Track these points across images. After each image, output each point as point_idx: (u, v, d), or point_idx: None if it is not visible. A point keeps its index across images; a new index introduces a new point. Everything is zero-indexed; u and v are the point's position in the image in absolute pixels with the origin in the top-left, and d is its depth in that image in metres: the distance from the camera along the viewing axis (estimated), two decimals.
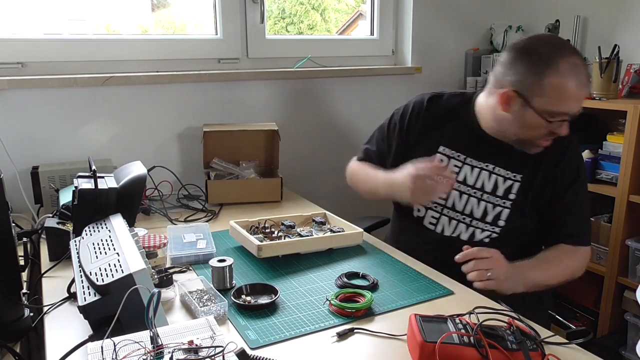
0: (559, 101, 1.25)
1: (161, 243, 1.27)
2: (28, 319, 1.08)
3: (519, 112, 1.30)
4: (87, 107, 1.89)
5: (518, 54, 1.30)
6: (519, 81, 1.28)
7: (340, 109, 2.38)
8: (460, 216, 1.43)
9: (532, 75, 1.26)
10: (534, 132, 1.31)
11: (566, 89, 1.24)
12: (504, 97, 1.30)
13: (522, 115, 1.30)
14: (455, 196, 1.42)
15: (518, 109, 1.30)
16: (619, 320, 2.00)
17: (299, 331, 1.02)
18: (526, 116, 1.29)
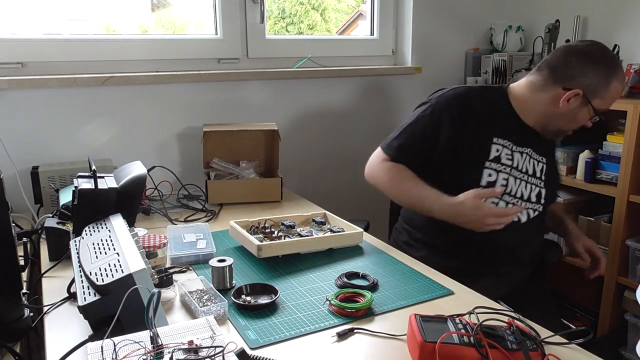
0: (611, 103, 1.47)
1: (161, 243, 1.27)
2: (28, 319, 1.08)
3: (576, 109, 1.46)
4: (87, 107, 1.89)
5: (587, 60, 1.44)
6: (588, 84, 1.42)
7: (340, 109, 2.39)
8: (514, 199, 1.50)
9: (601, 80, 1.42)
10: (576, 125, 1.50)
11: (619, 93, 1.47)
12: (570, 95, 1.43)
13: (577, 112, 1.46)
14: (512, 181, 1.50)
15: (576, 106, 1.45)
16: (619, 320, 2.00)
17: (299, 331, 1.02)
18: (580, 113, 1.46)
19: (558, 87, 1.45)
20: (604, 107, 1.46)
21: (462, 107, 1.51)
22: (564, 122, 1.49)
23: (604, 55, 1.45)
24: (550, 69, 1.48)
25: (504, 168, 1.48)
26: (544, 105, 1.49)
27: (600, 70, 1.42)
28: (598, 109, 1.44)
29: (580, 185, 2.05)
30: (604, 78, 1.42)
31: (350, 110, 2.41)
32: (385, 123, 2.45)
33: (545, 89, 1.48)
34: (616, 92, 1.45)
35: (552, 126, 1.51)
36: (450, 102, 1.53)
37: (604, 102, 1.45)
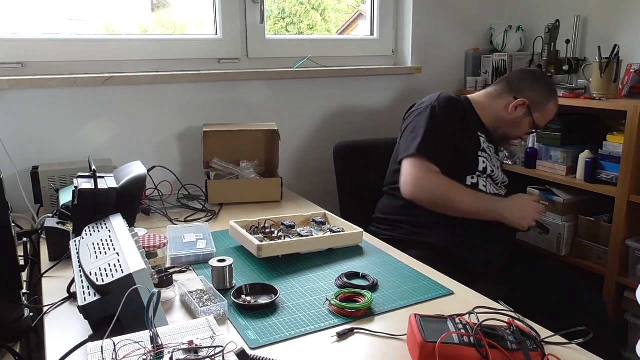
0: (546, 121, 1.83)
1: (161, 243, 1.27)
2: (28, 319, 1.08)
3: (520, 117, 1.78)
4: (87, 107, 1.89)
5: (536, 79, 1.81)
6: (533, 98, 1.77)
7: (341, 109, 2.38)
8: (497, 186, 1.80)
9: (544, 98, 1.78)
10: (517, 133, 1.83)
11: (552, 115, 1.83)
12: (516, 103, 1.77)
13: (520, 120, 1.79)
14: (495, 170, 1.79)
15: (521, 115, 1.78)
16: (619, 320, 2.00)
17: (299, 331, 1.02)
18: (523, 122, 1.79)
19: (510, 96, 1.78)
20: (540, 123, 1.80)
21: (459, 107, 1.75)
22: (509, 128, 1.80)
23: (548, 80, 1.87)
24: (507, 82, 1.82)
25: (489, 157, 1.77)
26: (497, 110, 1.80)
27: (545, 90, 1.78)
28: (536, 122, 1.78)
29: (580, 185, 2.05)
30: (546, 97, 1.78)
31: (350, 110, 2.41)
32: (385, 123, 2.45)
33: (500, 97, 1.80)
34: (551, 113, 1.80)
35: (500, 131, 1.82)
36: (451, 103, 1.73)
37: (542, 117, 1.79)
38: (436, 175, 1.63)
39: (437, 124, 1.67)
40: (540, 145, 2.22)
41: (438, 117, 1.68)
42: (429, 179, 1.62)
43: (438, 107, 1.69)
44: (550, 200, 2.18)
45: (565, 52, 2.27)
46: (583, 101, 2.02)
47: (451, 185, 1.62)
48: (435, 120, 1.67)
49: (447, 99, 1.73)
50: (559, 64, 2.25)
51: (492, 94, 1.83)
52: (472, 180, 1.71)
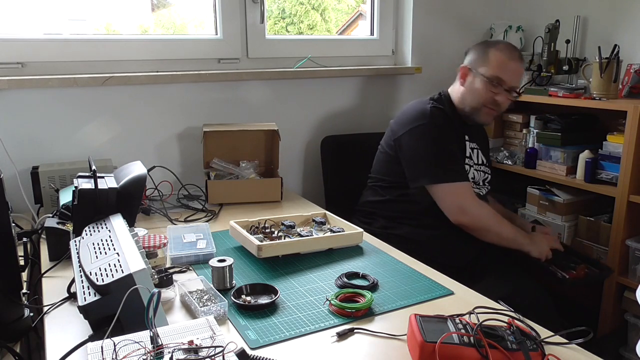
0: (499, 68, 1.72)
1: (161, 243, 1.27)
2: (28, 319, 1.08)
3: (472, 82, 1.76)
4: (87, 107, 1.89)
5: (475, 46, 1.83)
6: (470, 60, 1.79)
7: (341, 109, 2.38)
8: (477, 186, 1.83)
9: (479, 53, 1.77)
10: (482, 98, 1.75)
11: (503, 58, 1.73)
12: (461, 73, 1.79)
13: (472, 84, 1.76)
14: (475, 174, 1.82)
15: (471, 80, 1.77)
16: (619, 320, 2.00)
17: (299, 331, 1.02)
18: (475, 83, 1.75)
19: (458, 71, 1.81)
20: (494, 73, 1.72)
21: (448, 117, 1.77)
22: (470, 98, 1.77)
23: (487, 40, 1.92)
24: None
25: (472, 163, 1.80)
26: (458, 92, 1.81)
27: (480, 46, 1.80)
28: (488, 75, 1.72)
29: (580, 185, 2.05)
30: (482, 50, 1.77)
31: (350, 110, 2.41)
32: (385, 123, 2.45)
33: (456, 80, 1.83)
34: (499, 60, 1.72)
35: (467, 107, 1.78)
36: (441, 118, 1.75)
37: (490, 68, 1.73)
38: (482, 203, 1.73)
39: (443, 140, 1.72)
40: (540, 145, 2.22)
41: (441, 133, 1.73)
42: (478, 207, 1.71)
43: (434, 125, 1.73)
44: (550, 200, 2.18)
45: (565, 52, 2.27)
46: (583, 101, 2.02)
47: (496, 217, 1.72)
48: (440, 138, 1.72)
49: (438, 113, 1.75)
50: (559, 64, 2.25)
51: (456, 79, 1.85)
52: None
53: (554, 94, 2.11)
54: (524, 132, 2.32)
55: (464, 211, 1.68)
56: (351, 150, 2.24)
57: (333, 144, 2.24)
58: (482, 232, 1.70)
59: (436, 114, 1.75)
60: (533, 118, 2.28)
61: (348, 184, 2.15)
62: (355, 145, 2.25)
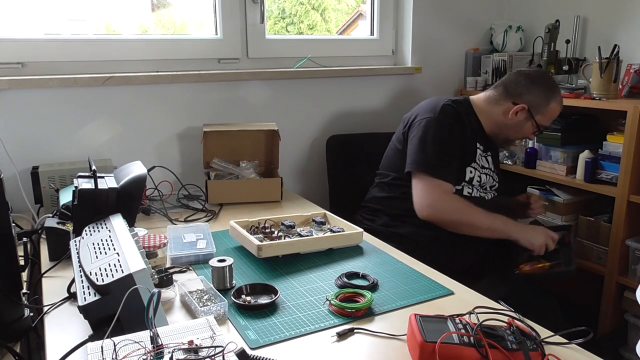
0: (550, 120, 1.80)
1: (161, 243, 1.27)
2: (28, 319, 1.08)
3: (522, 122, 1.77)
4: (87, 107, 1.89)
5: (533, 82, 1.77)
6: (532, 101, 1.75)
7: (341, 109, 2.38)
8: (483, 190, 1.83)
9: (543, 99, 1.75)
10: (521, 136, 1.83)
11: (557, 113, 1.80)
12: (518, 109, 1.75)
13: (522, 124, 1.77)
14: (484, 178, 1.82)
15: (522, 119, 1.76)
16: (619, 320, 2.00)
17: (299, 331, 1.02)
18: (525, 125, 1.77)
19: (509, 101, 1.77)
20: (544, 123, 1.79)
21: (460, 119, 1.74)
22: (511, 132, 1.80)
23: (547, 80, 1.80)
24: (504, 86, 1.80)
25: (477, 166, 1.78)
26: (497, 116, 1.79)
27: (542, 91, 1.76)
28: (540, 124, 1.77)
29: (580, 185, 2.05)
30: (545, 98, 1.75)
31: (350, 110, 2.41)
32: (385, 123, 2.45)
33: (499, 103, 1.79)
34: (554, 112, 1.78)
35: (502, 135, 1.82)
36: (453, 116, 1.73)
37: (544, 118, 1.77)
38: (452, 197, 1.69)
39: (445, 137, 1.70)
40: (540, 145, 2.22)
41: (444, 133, 1.70)
42: (446, 201, 1.67)
43: (444, 120, 1.71)
44: (550, 200, 2.18)
45: (565, 52, 2.27)
46: (583, 101, 2.02)
47: (468, 208, 1.67)
48: (442, 134, 1.70)
49: (449, 111, 1.73)
50: (559, 64, 2.25)
51: (491, 99, 1.81)
52: (457, 186, 1.74)
53: None
54: None
55: (431, 206, 1.66)
56: (353, 150, 2.24)
57: (338, 144, 2.24)
58: (454, 226, 1.67)
59: (447, 111, 1.73)
60: None
61: (350, 183, 2.16)
62: (357, 145, 2.25)
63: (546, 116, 1.77)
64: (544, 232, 1.70)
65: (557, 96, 1.78)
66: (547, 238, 1.68)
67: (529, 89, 1.75)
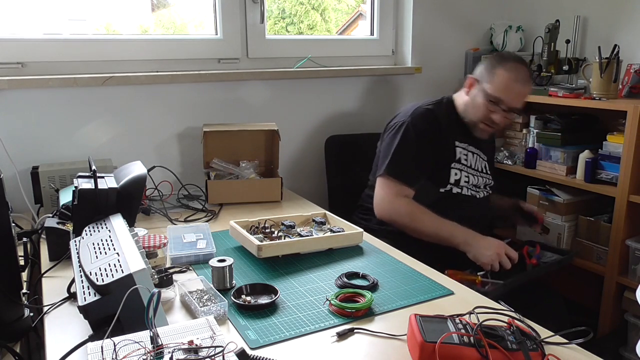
0: (502, 89, 1.69)
1: (161, 243, 1.27)
2: (28, 319, 1.08)
3: (475, 96, 1.74)
4: (87, 107, 1.89)
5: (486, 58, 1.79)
6: (480, 72, 1.75)
7: (340, 109, 2.38)
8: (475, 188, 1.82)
9: (488, 68, 1.73)
10: (480, 113, 1.73)
11: (509, 79, 1.68)
12: (468, 83, 1.77)
13: (475, 98, 1.74)
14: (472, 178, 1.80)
15: (475, 93, 1.74)
16: (619, 320, 2.00)
17: (299, 331, 1.02)
18: (477, 98, 1.73)
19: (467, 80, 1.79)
20: (495, 93, 1.69)
21: (433, 122, 1.75)
22: (471, 110, 1.76)
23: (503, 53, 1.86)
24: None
25: (463, 167, 1.77)
26: (463, 99, 1.80)
27: (490, 61, 1.74)
28: (490, 93, 1.69)
29: (580, 185, 2.05)
30: (491, 65, 1.72)
31: (350, 110, 2.41)
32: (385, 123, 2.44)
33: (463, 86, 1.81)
34: (503, 78, 1.68)
35: (467, 117, 1.78)
36: (425, 119, 1.74)
37: (493, 87, 1.69)
38: (404, 201, 1.69)
39: (409, 144, 1.71)
40: (540, 145, 2.22)
41: (410, 136, 1.71)
42: (397, 204, 1.69)
43: (411, 125, 1.73)
44: (550, 200, 2.18)
45: (565, 52, 2.27)
46: (583, 101, 2.02)
47: (416, 213, 1.67)
48: (407, 140, 1.71)
49: (420, 115, 1.75)
50: (559, 64, 2.25)
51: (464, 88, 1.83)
52: (444, 188, 1.76)
53: (554, 94, 2.11)
54: (524, 132, 2.32)
55: (380, 207, 1.69)
56: (352, 150, 2.25)
57: (337, 144, 2.25)
58: (403, 229, 1.67)
59: (419, 115, 1.75)
60: (533, 118, 2.28)
61: (349, 183, 2.16)
62: (356, 145, 2.26)
63: (494, 84, 1.69)
64: (495, 250, 1.57)
65: (505, 63, 1.70)
66: (495, 257, 1.55)
67: (482, 62, 1.80)
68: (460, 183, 1.76)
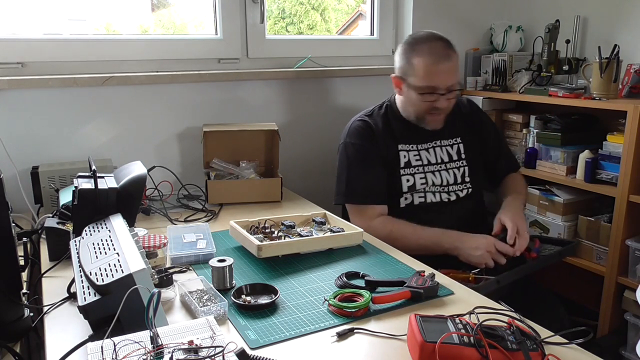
0: (428, 77, 1.61)
1: (161, 243, 1.27)
2: (28, 319, 1.08)
3: (406, 93, 1.68)
4: (87, 107, 1.89)
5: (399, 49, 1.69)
6: (398, 69, 1.69)
7: (340, 109, 2.38)
8: (441, 188, 1.72)
9: (405, 61, 1.65)
10: (420, 107, 1.66)
11: (429, 64, 1.60)
12: (394, 83, 1.70)
13: (408, 95, 1.67)
14: (430, 176, 1.71)
15: (405, 90, 1.67)
16: (619, 320, 2.00)
17: (299, 331, 1.02)
18: (409, 93, 1.66)
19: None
20: (423, 83, 1.61)
21: (367, 134, 1.71)
22: (411, 107, 1.69)
23: (408, 41, 1.68)
24: None
25: (417, 169, 1.70)
26: (400, 100, 1.74)
27: (404, 52, 1.66)
28: (419, 85, 1.62)
29: (580, 185, 2.05)
30: (406, 57, 1.65)
31: (351, 110, 2.40)
32: None
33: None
34: (424, 65, 1.60)
35: (411, 115, 1.71)
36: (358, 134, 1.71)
37: (418, 78, 1.62)
38: (378, 221, 1.65)
39: (354, 163, 1.69)
40: (540, 145, 2.22)
41: (351, 155, 1.70)
42: (373, 228, 1.61)
43: (350, 144, 1.72)
44: (550, 200, 2.18)
45: (565, 52, 2.27)
46: (583, 101, 2.02)
47: (394, 232, 1.60)
48: (350, 160, 1.70)
49: (354, 130, 1.73)
50: (559, 64, 2.25)
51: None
52: (405, 201, 1.71)
53: (554, 94, 2.11)
54: (524, 132, 2.32)
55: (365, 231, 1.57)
56: None
57: None
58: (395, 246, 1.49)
59: (353, 131, 1.72)
60: (533, 118, 2.28)
61: None
62: None
63: (418, 76, 1.61)
64: (485, 248, 1.51)
65: (418, 49, 1.63)
66: (486, 255, 1.50)
67: (396, 59, 1.71)
68: (416, 188, 1.68)
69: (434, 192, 1.71)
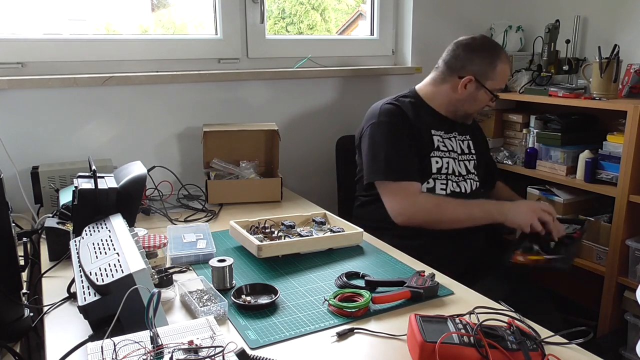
0: (504, 81, 1.79)
1: (161, 243, 1.27)
2: (28, 319, 1.08)
3: (473, 93, 1.74)
4: (87, 107, 1.89)
5: (473, 49, 1.75)
6: (477, 70, 1.72)
7: (340, 109, 2.38)
8: (456, 177, 1.76)
9: (487, 65, 1.72)
10: (478, 106, 1.78)
11: (507, 72, 1.78)
12: (465, 82, 1.73)
13: (475, 95, 1.74)
14: (452, 163, 1.76)
15: (473, 90, 1.73)
16: (619, 320, 2.00)
17: (299, 331, 1.02)
18: (479, 95, 1.74)
19: (454, 77, 1.75)
20: (497, 87, 1.76)
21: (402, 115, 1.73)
22: (467, 105, 1.77)
23: (486, 43, 1.77)
24: (445, 63, 1.79)
25: (444, 154, 1.75)
26: (447, 95, 1.77)
27: (484, 57, 1.73)
28: (492, 89, 1.74)
29: (580, 185, 2.05)
30: (489, 63, 1.72)
31: (350, 110, 2.41)
32: None
33: (445, 81, 1.77)
34: (503, 72, 1.75)
35: (460, 111, 1.79)
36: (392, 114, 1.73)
37: (495, 82, 1.74)
38: (423, 196, 1.66)
39: (389, 140, 1.68)
40: (540, 145, 2.22)
41: (386, 132, 1.69)
42: (419, 202, 1.63)
43: (385, 122, 1.71)
44: (550, 200, 2.18)
45: (565, 52, 2.27)
46: (583, 101, 2.02)
47: (442, 203, 1.64)
48: (385, 137, 1.69)
49: (387, 111, 1.73)
50: (559, 64, 2.25)
51: (436, 80, 1.80)
52: (427, 185, 1.71)
53: (554, 94, 2.11)
54: (524, 132, 2.32)
55: (401, 213, 1.62)
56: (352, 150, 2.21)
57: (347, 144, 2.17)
58: (432, 225, 1.61)
59: (386, 111, 1.73)
60: (533, 118, 2.28)
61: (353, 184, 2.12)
62: None
63: (496, 79, 1.74)
64: (531, 210, 1.60)
65: (501, 55, 1.75)
66: (532, 215, 1.57)
67: (471, 59, 1.73)
68: (441, 171, 1.72)
69: (453, 182, 1.76)
